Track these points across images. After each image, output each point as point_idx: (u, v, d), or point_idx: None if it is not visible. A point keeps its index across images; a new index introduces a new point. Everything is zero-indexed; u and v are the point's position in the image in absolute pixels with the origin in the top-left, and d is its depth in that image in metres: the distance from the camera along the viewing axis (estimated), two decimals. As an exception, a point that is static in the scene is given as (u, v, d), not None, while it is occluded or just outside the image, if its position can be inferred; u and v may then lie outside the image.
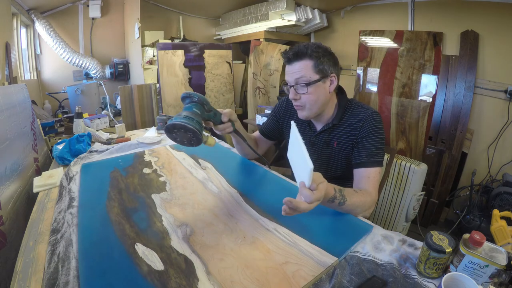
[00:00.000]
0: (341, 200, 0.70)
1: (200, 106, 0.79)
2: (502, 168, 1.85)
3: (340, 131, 0.93)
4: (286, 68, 0.90)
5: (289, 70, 0.88)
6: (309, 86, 0.85)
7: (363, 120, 0.88)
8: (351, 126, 0.90)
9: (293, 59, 0.85)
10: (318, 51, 0.84)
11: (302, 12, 2.59)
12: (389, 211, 1.79)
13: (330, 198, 0.68)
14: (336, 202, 0.70)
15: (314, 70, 0.84)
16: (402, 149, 2.11)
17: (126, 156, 1.19)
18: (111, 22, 2.89)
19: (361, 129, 0.88)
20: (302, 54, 0.84)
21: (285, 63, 0.89)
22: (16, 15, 2.21)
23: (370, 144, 0.86)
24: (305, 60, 0.84)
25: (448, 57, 2.00)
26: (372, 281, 0.52)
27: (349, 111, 0.92)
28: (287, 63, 0.88)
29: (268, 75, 2.70)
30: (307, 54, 0.84)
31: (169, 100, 2.35)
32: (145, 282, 0.52)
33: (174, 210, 0.77)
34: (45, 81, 2.69)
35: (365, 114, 0.88)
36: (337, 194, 0.69)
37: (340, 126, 0.93)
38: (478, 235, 0.50)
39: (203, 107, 0.80)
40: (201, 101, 0.79)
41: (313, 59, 0.84)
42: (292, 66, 0.86)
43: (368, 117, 0.88)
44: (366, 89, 2.32)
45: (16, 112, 1.07)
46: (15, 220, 0.84)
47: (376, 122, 0.87)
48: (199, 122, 0.73)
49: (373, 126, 0.87)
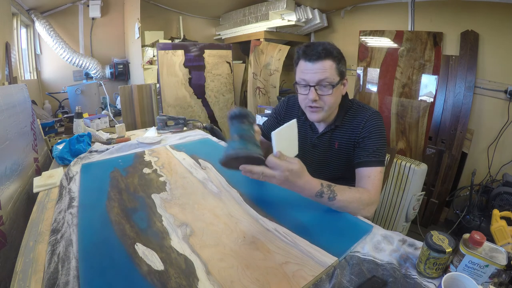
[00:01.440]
0: (330, 195, 0.71)
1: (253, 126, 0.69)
2: (502, 168, 1.85)
3: (342, 132, 0.92)
4: (303, 65, 0.83)
5: (311, 68, 0.81)
6: (334, 87, 0.82)
7: (364, 121, 0.87)
8: (352, 127, 0.90)
9: (318, 58, 0.80)
10: (339, 53, 0.83)
11: (302, 12, 2.59)
12: (389, 211, 1.79)
13: (318, 192, 0.70)
14: (325, 197, 0.71)
15: (337, 71, 0.82)
16: (402, 149, 2.11)
17: (126, 156, 1.19)
18: (111, 22, 2.89)
19: (362, 129, 0.87)
20: (329, 53, 0.80)
21: (304, 60, 0.82)
22: (16, 15, 2.21)
23: (372, 144, 0.85)
24: (329, 61, 0.81)
25: (448, 57, 2.00)
26: (372, 281, 0.52)
27: (350, 112, 0.92)
28: (308, 61, 0.82)
29: (268, 75, 2.70)
30: (333, 54, 0.81)
31: (169, 100, 2.35)
32: (145, 282, 0.52)
33: (174, 210, 0.77)
34: (45, 81, 2.69)
35: (367, 114, 0.88)
36: (324, 189, 0.70)
37: (341, 127, 0.92)
38: (478, 235, 0.50)
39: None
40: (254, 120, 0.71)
41: (336, 60, 0.82)
42: (316, 65, 0.80)
43: (369, 117, 0.87)
44: (366, 89, 2.32)
45: (16, 112, 1.07)
46: (15, 220, 0.84)
47: (377, 122, 0.87)
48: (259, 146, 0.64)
49: (374, 126, 0.86)
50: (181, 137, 1.46)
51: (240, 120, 0.68)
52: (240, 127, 0.66)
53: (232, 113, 0.68)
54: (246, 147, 0.60)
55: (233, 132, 0.66)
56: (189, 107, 2.46)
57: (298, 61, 0.86)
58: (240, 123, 0.67)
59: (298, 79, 0.86)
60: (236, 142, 0.62)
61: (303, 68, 0.84)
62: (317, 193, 0.70)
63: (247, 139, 0.62)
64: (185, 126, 1.65)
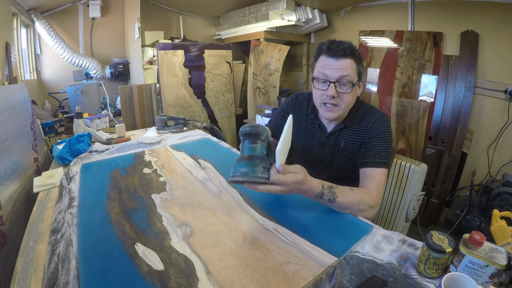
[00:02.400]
0: (330, 197, 0.71)
1: (266, 145, 0.65)
2: (502, 168, 1.85)
3: (349, 132, 0.93)
4: (325, 60, 0.83)
5: (333, 64, 0.82)
6: (354, 86, 0.83)
7: (372, 122, 0.88)
8: (360, 128, 0.90)
9: (343, 55, 0.81)
10: (360, 54, 0.84)
11: (302, 12, 2.59)
12: (389, 211, 1.79)
13: (318, 193, 0.69)
14: (325, 199, 0.71)
15: (356, 72, 0.84)
16: (402, 149, 2.11)
17: (126, 156, 1.19)
18: (111, 22, 2.89)
19: (369, 130, 0.88)
20: (353, 53, 0.82)
21: (327, 55, 0.82)
22: (16, 15, 2.21)
23: (378, 145, 0.85)
24: (352, 60, 0.82)
25: (448, 57, 2.00)
26: (372, 281, 0.52)
27: (359, 113, 0.92)
28: (331, 57, 0.82)
29: (268, 75, 2.70)
30: (356, 54, 0.82)
31: (169, 100, 2.35)
32: (145, 282, 0.52)
33: (174, 210, 0.77)
34: (45, 81, 2.69)
35: (375, 116, 0.89)
36: (325, 191, 0.70)
37: (349, 127, 0.92)
38: (478, 235, 0.50)
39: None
40: (267, 138, 0.65)
41: (357, 61, 0.83)
42: (339, 62, 0.81)
43: (377, 119, 0.88)
44: (366, 89, 2.32)
45: (16, 112, 1.07)
46: (15, 220, 0.84)
47: (384, 124, 0.88)
48: (267, 168, 0.62)
49: (381, 127, 0.87)
50: (181, 137, 1.46)
51: (251, 139, 0.64)
52: (250, 147, 0.63)
53: (243, 131, 0.64)
54: (253, 170, 0.60)
55: (243, 151, 0.64)
56: (189, 107, 2.46)
57: (319, 56, 0.86)
58: (251, 143, 0.63)
59: (318, 74, 0.85)
60: (244, 164, 0.61)
61: (325, 63, 0.83)
62: (318, 195, 0.70)
63: (255, 162, 0.61)
64: (185, 126, 1.65)
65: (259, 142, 0.63)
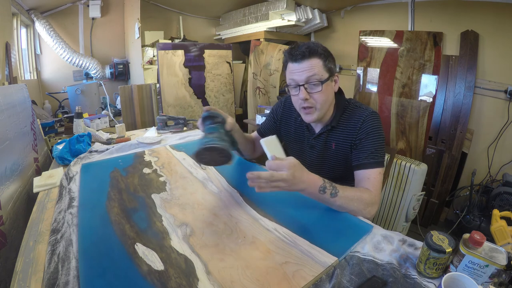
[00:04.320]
0: (332, 191, 0.71)
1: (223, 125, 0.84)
2: (502, 168, 1.85)
3: (338, 132, 0.92)
4: (291, 66, 0.85)
5: (298, 68, 0.83)
6: (323, 84, 0.83)
7: (361, 122, 0.87)
8: (349, 128, 0.89)
9: (303, 57, 0.82)
10: (325, 50, 0.84)
11: (302, 12, 2.59)
12: (389, 211, 1.79)
13: (320, 187, 0.70)
14: (328, 193, 0.71)
15: (324, 68, 0.83)
16: (402, 149, 2.11)
17: (126, 156, 1.19)
18: (111, 22, 2.89)
19: (359, 131, 0.87)
20: (314, 52, 0.82)
21: (291, 61, 0.85)
22: (16, 15, 2.21)
23: (369, 145, 0.85)
24: (315, 58, 0.82)
25: (448, 57, 2.00)
26: (372, 281, 0.52)
27: (347, 112, 0.91)
28: (294, 61, 0.84)
29: (268, 75, 2.70)
30: (318, 52, 0.82)
31: (169, 100, 2.35)
32: (145, 282, 0.52)
33: (174, 210, 0.77)
34: (45, 81, 2.69)
35: (363, 115, 0.87)
36: (326, 184, 0.71)
37: (338, 127, 0.91)
38: (478, 235, 0.49)
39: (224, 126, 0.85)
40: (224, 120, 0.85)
41: (322, 57, 0.83)
42: (302, 64, 0.82)
43: (366, 118, 0.86)
44: (366, 89, 2.32)
45: (16, 112, 1.07)
46: (15, 220, 0.84)
47: (374, 122, 0.86)
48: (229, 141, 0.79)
49: (371, 126, 0.85)
50: (181, 137, 1.46)
51: (210, 121, 0.83)
52: (209, 127, 0.80)
53: (202, 115, 0.83)
54: (212, 141, 0.73)
55: (204, 131, 0.81)
56: (189, 107, 2.46)
57: (287, 64, 0.88)
58: (210, 124, 0.82)
59: (289, 81, 0.88)
60: (205, 138, 0.75)
61: (291, 69, 0.86)
62: (320, 188, 0.70)
63: (214, 136, 0.75)
64: (185, 126, 1.65)
65: (216, 123, 0.82)
